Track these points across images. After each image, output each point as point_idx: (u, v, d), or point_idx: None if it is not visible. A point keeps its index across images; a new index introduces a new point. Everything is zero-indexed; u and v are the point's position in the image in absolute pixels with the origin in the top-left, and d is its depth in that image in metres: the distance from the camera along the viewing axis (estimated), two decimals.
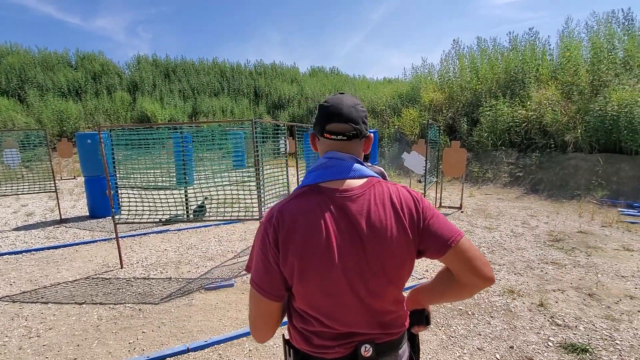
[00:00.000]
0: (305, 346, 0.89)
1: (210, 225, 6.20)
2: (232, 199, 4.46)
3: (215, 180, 4.52)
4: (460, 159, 6.76)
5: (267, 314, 0.88)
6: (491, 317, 2.99)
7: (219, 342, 2.65)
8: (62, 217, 7.00)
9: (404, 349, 0.96)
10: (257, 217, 4.01)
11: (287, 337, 0.98)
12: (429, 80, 14.71)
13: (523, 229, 5.52)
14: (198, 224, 6.24)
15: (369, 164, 2.38)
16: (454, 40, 14.81)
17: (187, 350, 2.56)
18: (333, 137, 0.90)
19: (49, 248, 5.11)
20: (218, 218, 4.25)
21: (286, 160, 4.85)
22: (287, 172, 4.90)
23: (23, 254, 4.91)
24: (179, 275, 4.04)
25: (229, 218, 4.18)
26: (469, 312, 3.07)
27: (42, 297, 3.53)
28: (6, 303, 3.43)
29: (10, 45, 19.70)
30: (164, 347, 2.64)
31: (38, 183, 7.18)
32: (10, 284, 3.89)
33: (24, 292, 3.67)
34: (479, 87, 11.96)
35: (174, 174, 6.93)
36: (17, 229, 6.35)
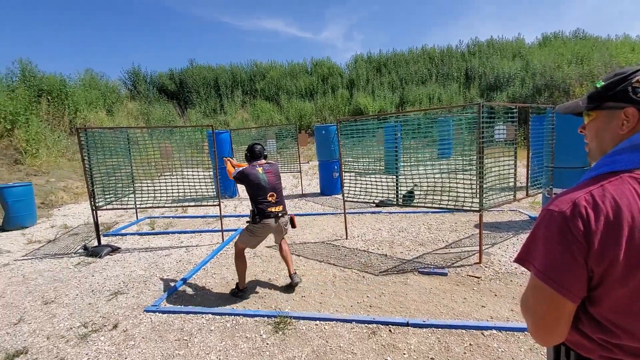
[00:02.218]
0: (598, 358, 0.79)
1: (419, 212, 6.32)
2: (442, 188, 4.36)
3: (426, 168, 4.53)
4: None
5: (564, 315, 0.76)
6: None
7: (436, 327, 2.70)
8: (303, 192, 8.94)
9: None
10: (477, 209, 3.75)
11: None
12: None
13: None
14: (407, 210, 6.49)
15: None
16: None
17: (407, 324, 2.74)
18: None
19: (297, 215, 6.65)
20: (434, 205, 4.24)
21: (515, 149, 4.25)
22: (516, 162, 4.30)
23: None
24: (393, 254, 4.35)
25: (445, 206, 4.11)
26: None
27: (295, 251, 4.66)
28: (274, 250, 4.73)
29: (271, 62, 26.42)
30: (386, 314, 2.94)
31: (287, 165, 9.44)
32: None
33: None
34: None
35: (385, 161, 7.46)
36: None
